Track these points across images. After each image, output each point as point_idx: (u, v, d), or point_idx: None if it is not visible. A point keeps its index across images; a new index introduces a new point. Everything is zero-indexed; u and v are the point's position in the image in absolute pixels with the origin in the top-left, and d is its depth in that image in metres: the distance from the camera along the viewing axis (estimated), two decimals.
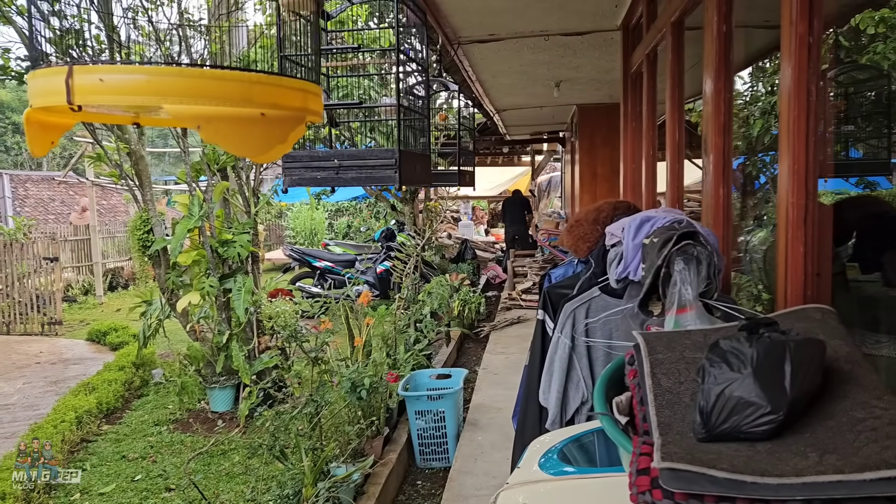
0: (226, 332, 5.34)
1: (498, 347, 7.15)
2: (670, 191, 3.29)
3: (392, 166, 2.28)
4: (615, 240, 1.77)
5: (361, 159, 2.29)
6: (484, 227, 19.60)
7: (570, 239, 2.27)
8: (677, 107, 3.25)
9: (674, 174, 3.27)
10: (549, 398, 1.99)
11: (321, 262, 9.63)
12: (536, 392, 2.29)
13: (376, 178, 2.31)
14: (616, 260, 1.75)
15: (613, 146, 9.18)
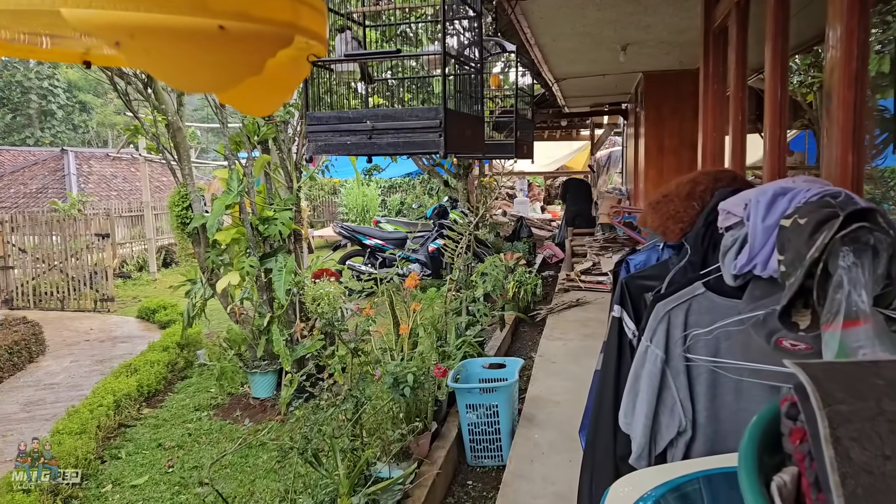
0: (266, 315, 5.05)
1: (556, 333, 6.69)
2: (769, 163, 2.77)
3: (436, 129, 1.86)
4: (733, 220, 1.32)
5: (399, 120, 1.88)
6: (540, 203, 19.00)
7: (656, 218, 1.81)
8: (780, 60, 2.71)
9: (775, 143, 2.74)
10: (632, 424, 1.55)
11: (371, 240, 9.31)
12: (611, 407, 1.85)
13: (417, 144, 1.90)
14: (734, 247, 1.30)
15: (683, 117, 8.52)
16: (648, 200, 1.89)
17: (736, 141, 3.34)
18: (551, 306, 7.70)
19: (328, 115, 1.97)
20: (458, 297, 5.90)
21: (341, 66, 2.10)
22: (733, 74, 3.34)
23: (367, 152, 1.94)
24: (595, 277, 8.77)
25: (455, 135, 1.96)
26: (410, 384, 3.26)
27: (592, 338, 6.44)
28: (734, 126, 3.35)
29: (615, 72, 8.32)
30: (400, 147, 1.91)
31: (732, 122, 3.36)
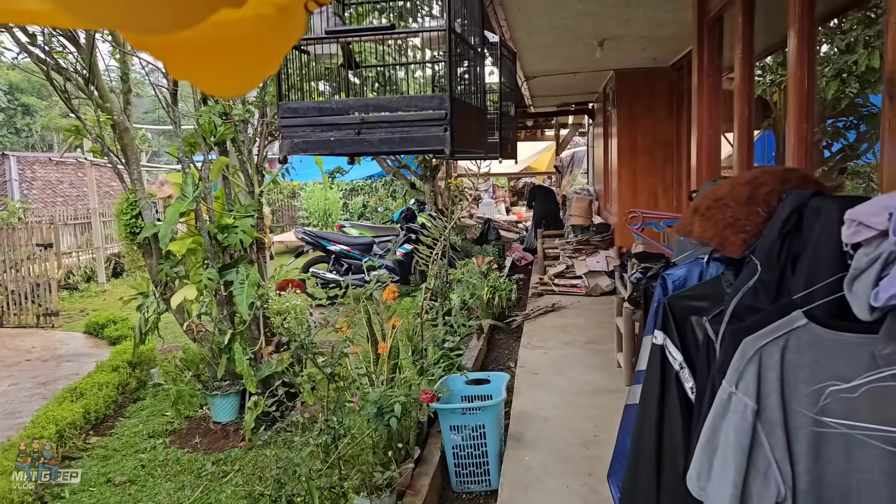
0: (227, 332, 4.63)
1: (534, 340, 6.40)
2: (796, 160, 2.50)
3: (440, 122, 1.53)
4: (867, 234, 1.02)
5: (395, 111, 1.54)
6: (505, 205, 18.78)
7: (708, 227, 1.50)
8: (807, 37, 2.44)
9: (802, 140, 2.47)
10: (710, 490, 1.24)
11: (336, 246, 8.90)
12: (654, 452, 1.54)
13: (417, 140, 1.55)
14: (872, 270, 0.99)
15: (656, 115, 8.35)
16: (694, 205, 1.59)
17: (742, 138, 3.07)
18: (527, 312, 7.42)
19: (307, 106, 1.62)
20: (434, 306, 5.56)
21: (321, 48, 1.74)
22: (739, 65, 3.08)
23: (356, 151, 1.58)
24: (569, 281, 8.52)
25: (461, 129, 1.62)
26: (398, 415, 2.91)
27: (573, 346, 6.17)
28: (740, 121, 3.09)
29: (587, 69, 8.09)
30: (396, 144, 1.57)
31: (738, 116, 3.10)
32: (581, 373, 5.34)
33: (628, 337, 4.91)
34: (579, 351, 5.97)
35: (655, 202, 8.24)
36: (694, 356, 1.56)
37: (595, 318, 7.17)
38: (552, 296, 8.34)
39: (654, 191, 8.23)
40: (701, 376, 1.48)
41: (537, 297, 8.33)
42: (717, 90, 3.75)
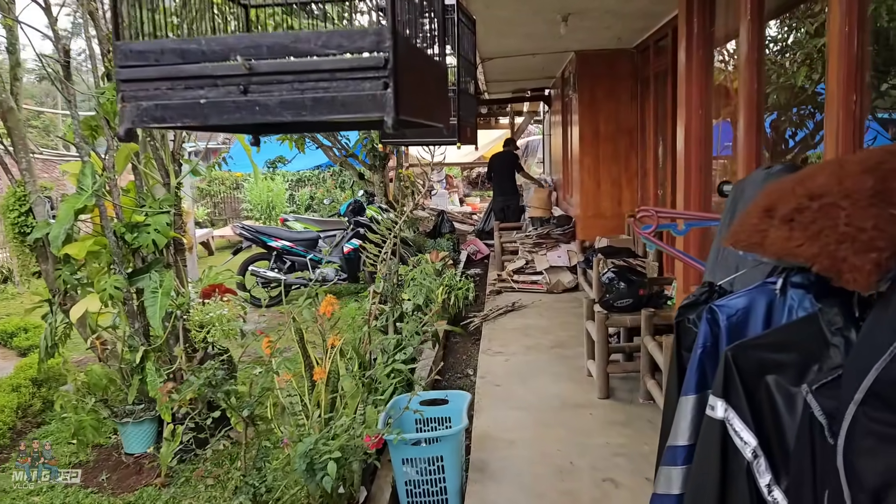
0: (140, 348, 3.93)
1: (494, 345, 5.85)
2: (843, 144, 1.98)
3: (378, 72, 0.93)
4: None
5: (304, 54, 0.94)
6: (459, 196, 18.22)
7: (804, 241, 0.96)
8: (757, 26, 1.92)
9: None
10: None
11: (278, 242, 8.18)
12: None
13: (341, 104, 0.95)
14: None
15: (618, 100, 7.86)
16: (765, 204, 1.05)
17: (750, 118, 2.55)
18: (485, 313, 6.87)
19: (161, 48, 0.99)
20: (384, 311, 4.95)
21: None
22: (747, 28, 2.56)
23: (242, 119, 0.97)
24: (529, 277, 8.01)
25: (412, 86, 1.03)
26: (332, 474, 2.30)
27: (537, 351, 5.64)
28: (748, 97, 2.57)
29: (547, 51, 7.55)
30: (306, 110, 0.96)
31: (746, 91, 2.58)
32: (548, 383, 4.81)
33: (601, 345, 4.39)
34: (544, 357, 5.44)
35: (619, 192, 7.79)
36: (772, 436, 1.02)
37: (558, 318, 6.67)
38: (511, 293, 7.82)
39: (617, 180, 7.76)
40: (799, 475, 0.94)
41: (495, 294, 7.80)
42: (709, 64, 3.24)
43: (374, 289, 4.57)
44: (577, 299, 7.39)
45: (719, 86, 6.09)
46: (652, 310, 4.21)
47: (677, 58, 3.37)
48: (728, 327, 1.17)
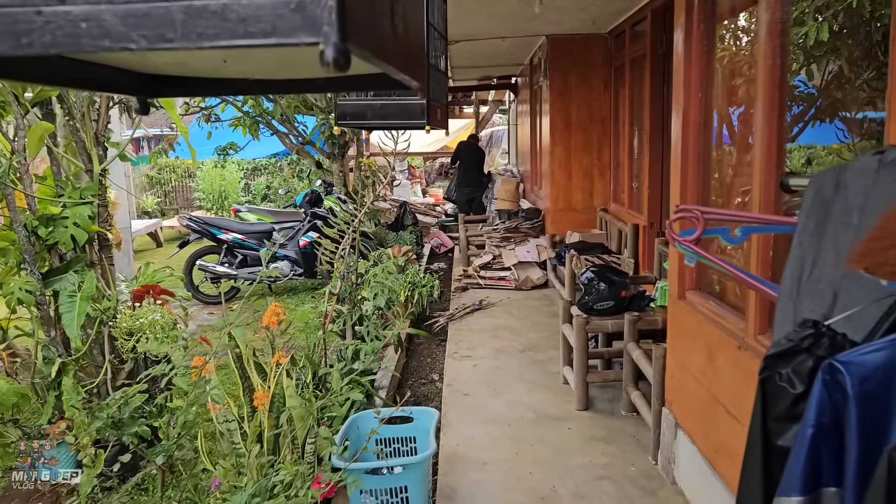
0: (56, 360, 3.40)
1: (462, 348, 5.44)
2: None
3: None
4: None
5: None
6: (422, 187, 17.75)
7: None
8: None
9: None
10: None
11: (228, 234, 7.62)
12: None
13: (239, 23, 0.55)
14: None
15: (591, 88, 7.49)
16: None
17: (771, 100, 2.17)
18: (451, 312, 6.45)
19: None
20: (342, 313, 4.49)
21: None
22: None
23: (53, 48, 0.55)
24: (496, 273, 7.62)
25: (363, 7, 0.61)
26: None
27: (507, 354, 5.24)
28: (768, 76, 2.18)
29: (517, 34, 7.14)
30: (175, 30, 0.55)
31: (766, 69, 2.19)
32: (521, 392, 4.42)
33: (580, 352, 4.01)
34: (515, 361, 5.05)
35: (591, 184, 7.44)
36: None
37: (528, 317, 6.29)
38: (478, 290, 7.42)
39: (589, 172, 7.41)
40: None
41: (461, 291, 7.39)
42: (711, 40, 2.85)
43: (330, 289, 4.10)
44: (547, 297, 7.03)
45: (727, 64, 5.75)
46: (636, 314, 3.84)
47: (672, 35, 2.98)
48: (860, 396, 0.77)
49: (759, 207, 2.22)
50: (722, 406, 2.52)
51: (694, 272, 3.00)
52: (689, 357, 2.91)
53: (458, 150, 11.24)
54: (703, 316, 2.74)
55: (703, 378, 2.72)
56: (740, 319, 2.43)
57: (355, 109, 2.54)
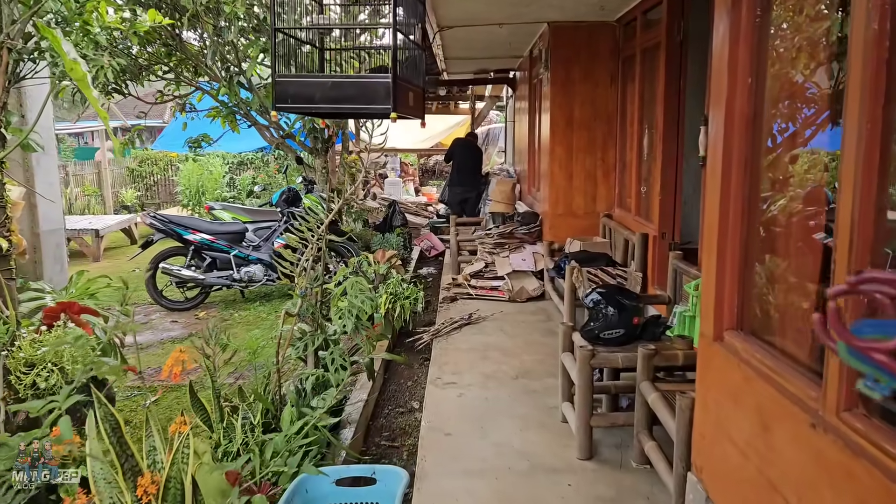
0: None
1: (446, 372, 4.78)
2: None
3: None
4: None
5: None
6: (414, 185, 17.08)
7: None
8: None
9: None
10: None
11: (195, 235, 6.94)
12: None
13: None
14: None
15: (596, 82, 6.82)
16: None
17: (874, 92, 1.51)
18: (437, 327, 5.79)
19: None
20: (304, 334, 3.82)
21: None
22: None
23: None
24: (489, 282, 6.96)
25: None
26: None
27: (498, 381, 4.59)
28: (870, 55, 1.52)
29: (516, 19, 6.48)
30: None
31: (865, 47, 1.53)
32: (512, 431, 3.77)
33: (584, 392, 3.35)
34: (507, 391, 4.40)
35: (594, 187, 6.78)
36: None
37: (522, 334, 5.63)
38: (468, 300, 6.77)
39: (592, 174, 6.76)
40: None
41: (449, 302, 6.74)
42: (766, 13, 2.19)
43: (287, 309, 3.43)
44: (543, 311, 6.38)
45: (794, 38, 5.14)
46: (651, 347, 3.19)
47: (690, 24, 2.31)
48: None
49: (852, 242, 1.56)
50: (781, 497, 1.87)
51: (734, 304, 2.35)
52: (728, 418, 2.26)
53: (452, 148, 10.56)
54: (753, 370, 2.08)
55: (751, 452, 2.07)
56: (813, 384, 1.78)
57: (300, 90, 1.87)
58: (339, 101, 2.02)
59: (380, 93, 1.98)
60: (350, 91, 2.01)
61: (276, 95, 2.00)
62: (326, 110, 2.21)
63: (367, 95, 1.99)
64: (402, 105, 2.05)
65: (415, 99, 2.29)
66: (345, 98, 2.02)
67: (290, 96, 2.00)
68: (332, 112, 2.39)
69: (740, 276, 2.34)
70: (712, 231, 2.44)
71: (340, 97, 2.02)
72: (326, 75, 2.06)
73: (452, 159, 10.39)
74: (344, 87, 2.01)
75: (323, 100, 1.95)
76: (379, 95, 1.98)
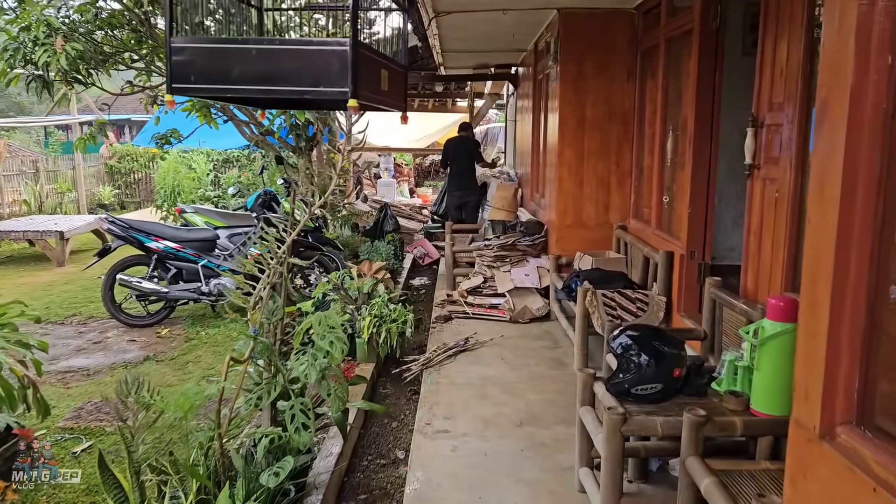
0: None
1: (437, 416, 4.03)
2: None
3: None
4: None
5: None
6: (409, 186, 16.32)
7: None
8: None
9: None
10: None
11: (158, 243, 6.17)
12: None
13: None
14: None
15: (611, 77, 6.03)
16: None
17: None
18: (427, 356, 5.04)
19: None
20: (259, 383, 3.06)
21: None
22: None
23: None
24: (487, 300, 6.23)
25: None
26: None
27: (498, 429, 3.84)
28: None
29: (521, 4, 5.74)
30: None
31: None
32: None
33: (612, 465, 2.61)
34: (509, 444, 3.65)
35: (607, 195, 6.05)
36: None
37: (527, 364, 4.90)
38: (464, 320, 6.02)
39: (605, 180, 6.02)
40: None
41: (443, 322, 5.99)
42: None
43: (231, 355, 2.67)
44: (549, 334, 5.64)
45: None
46: (701, 414, 2.45)
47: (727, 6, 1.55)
48: None
49: None
50: None
51: (855, 386, 1.61)
52: None
53: (445, 150, 9.78)
54: None
55: None
56: None
57: (209, 62, 1.12)
58: (269, 79, 1.30)
59: (332, 68, 1.25)
60: (287, 64, 1.28)
61: (172, 71, 1.27)
62: (249, 94, 1.46)
63: (314, 72, 1.27)
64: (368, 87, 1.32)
65: (391, 81, 1.55)
66: (279, 76, 1.29)
67: (195, 72, 1.27)
68: (257, 98, 1.64)
69: (866, 345, 1.60)
70: (818, 277, 1.70)
71: (272, 74, 1.29)
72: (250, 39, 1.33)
73: (450, 162, 9.61)
74: (277, 59, 1.28)
75: (245, 78, 1.24)
76: (331, 72, 1.26)
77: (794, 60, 3.18)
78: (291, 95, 1.41)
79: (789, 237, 3.17)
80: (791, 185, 3.14)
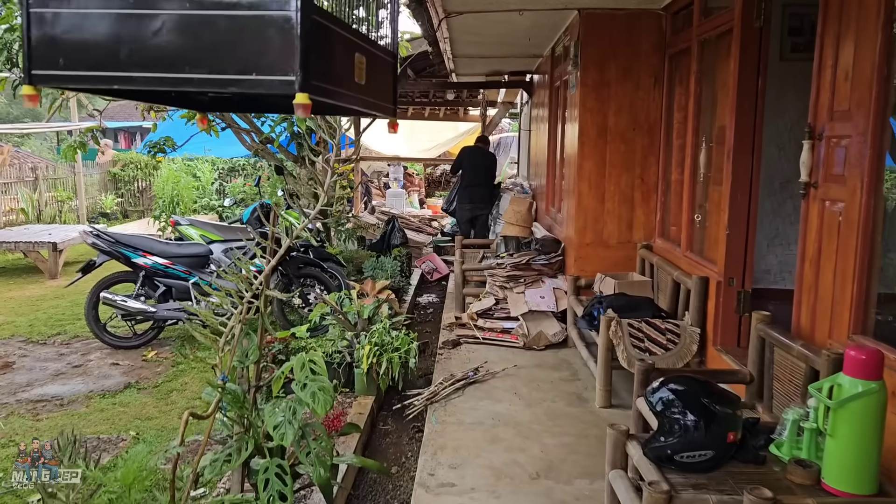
0: None
1: (442, 465, 3.53)
2: None
3: None
4: None
5: None
6: (419, 196, 15.88)
7: None
8: None
9: None
10: None
11: (147, 258, 5.74)
12: None
13: None
14: None
15: (637, 84, 5.49)
16: None
17: None
18: (433, 390, 4.55)
19: None
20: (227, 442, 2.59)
21: None
22: None
23: None
24: (499, 323, 5.74)
25: None
26: None
27: (511, 481, 3.35)
28: None
29: (539, 4, 5.29)
30: None
31: None
32: None
33: None
34: (525, 502, 3.16)
35: (630, 211, 5.56)
36: None
37: (543, 400, 4.40)
38: (474, 345, 5.54)
39: (628, 195, 5.53)
40: None
41: (451, 347, 5.51)
42: None
43: (190, 413, 2.21)
44: (566, 363, 5.14)
45: None
46: (768, 496, 1.96)
47: None
48: None
49: None
50: None
51: None
52: None
53: (460, 157, 9.30)
54: None
55: None
56: None
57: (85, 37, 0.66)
58: (175, 63, 0.84)
59: (271, 45, 0.81)
60: (202, 40, 0.83)
61: (30, 49, 0.81)
62: (146, 86, 0.97)
63: (243, 51, 0.82)
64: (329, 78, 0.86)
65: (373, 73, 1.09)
66: (190, 57, 0.84)
67: (65, 53, 0.81)
68: (158, 90, 1.18)
69: None
70: None
71: (180, 55, 0.83)
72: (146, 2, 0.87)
73: (461, 170, 9.13)
74: (188, 32, 0.83)
75: (139, 61, 0.80)
76: (268, 51, 0.81)
77: (864, 62, 2.69)
78: (209, 87, 0.96)
79: (859, 269, 2.67)
80: (862, 209, 2.65)
